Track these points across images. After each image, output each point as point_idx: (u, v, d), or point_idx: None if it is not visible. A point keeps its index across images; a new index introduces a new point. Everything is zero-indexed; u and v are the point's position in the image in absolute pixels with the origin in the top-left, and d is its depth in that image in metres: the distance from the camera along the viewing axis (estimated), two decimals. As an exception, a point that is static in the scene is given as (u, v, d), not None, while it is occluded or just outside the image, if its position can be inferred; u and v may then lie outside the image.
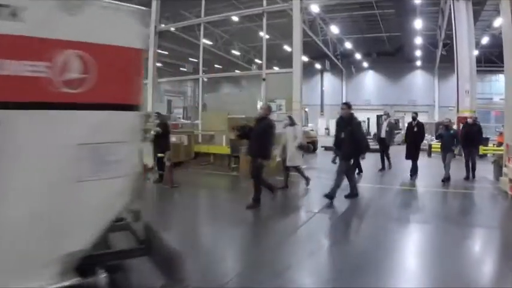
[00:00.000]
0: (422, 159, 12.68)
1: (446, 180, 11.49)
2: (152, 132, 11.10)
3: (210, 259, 5.35)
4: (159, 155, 10.76)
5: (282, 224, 7.40)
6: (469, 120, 13.23)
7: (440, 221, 7.71)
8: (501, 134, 22.34)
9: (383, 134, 14.60)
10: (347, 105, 9.10)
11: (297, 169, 10.78)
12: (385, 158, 14.45)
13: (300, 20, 14.08)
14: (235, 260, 5.72)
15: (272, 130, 8.25)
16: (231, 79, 44.65)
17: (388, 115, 15.66)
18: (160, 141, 10.65)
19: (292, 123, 10.53)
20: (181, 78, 33.39)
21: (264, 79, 14.51)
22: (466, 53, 18.66)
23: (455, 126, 19.50)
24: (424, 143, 16.48)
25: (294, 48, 13.96)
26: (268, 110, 8.55)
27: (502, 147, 20.32)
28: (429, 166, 15.10)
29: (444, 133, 11.94)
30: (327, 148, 20.62)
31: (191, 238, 6.45)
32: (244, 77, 39.35)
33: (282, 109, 14.03)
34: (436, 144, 21.10)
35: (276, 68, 24.58)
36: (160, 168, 10.92)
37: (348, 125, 8.84)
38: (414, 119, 13.19)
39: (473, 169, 12.35)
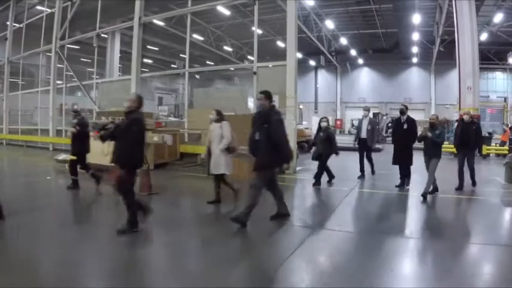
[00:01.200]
0: (420, 159, 10.68)
1: (425, 196, 8.90)
2: (68, 133, 10.05)
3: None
4: (71, 157, 9.73)
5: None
6: (465, 118, 10.42)
7: (457, 238, 6.37)
8: (505, 132, 21.55)
9: (364, 134, 12.22)
10: (265, 95, 6.66)
11: (222, 179, 8.39)
12: (369, 161, 12.31)
13: (295, 5, 12.93)
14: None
15: (139, 127, 6.20)
16: (223, 76, 43.78)
17: (369, 110, 12.97)
18: (76, 143, 9.62)
19: (219, 118, 8.37)
20: (166, 72, 32.20)
21: (255, 72, 13.29)
22: (469, 48, 17.76)
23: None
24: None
25: (288, 37, 12.64)
26: (137, 101, 6.33)
27: (505, 147, 19.65)
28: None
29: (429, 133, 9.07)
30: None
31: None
32: (237, 74, 38.30)
33: (275, 105, 12.78)
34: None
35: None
36: (73, 173, 9.68)
37: (264, 122, 6.44)
38: (403, 112, 10.48)
39: (472, 176, 10.34)
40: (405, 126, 10.27)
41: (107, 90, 19.20)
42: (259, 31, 29.79)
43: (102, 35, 20.68)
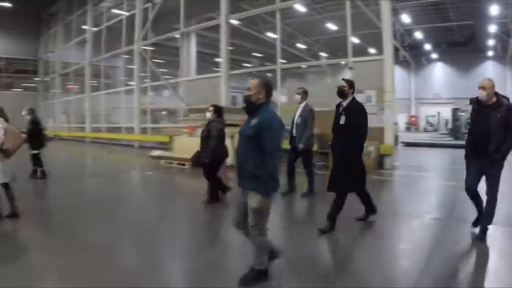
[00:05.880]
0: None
1: None
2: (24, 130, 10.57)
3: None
4: (33, 152, 10.61)
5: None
6: (482, 95, 5.18)
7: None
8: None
9: (295, 131, 8.07)
10: None
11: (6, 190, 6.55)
12: (307, 175, 8.32)
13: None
14: None
15: None
16: (294, 74, 43.55)
17: (305, 94, 8.24)
18: (34, 139, 10.49)
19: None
20: (259, 69, 32.00)
21: (350, 68, 13.32)
22: None
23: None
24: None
25: (384, 30, 12.86)
26: None
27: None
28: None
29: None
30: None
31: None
32: (310, 71, 37.97)
33: (372, 101, 12.43)
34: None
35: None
36: (39, 165, 10.73)
37: None
38: (342, 93, 5.67)
39: (487, 219, 5.16)
40: (342, 120, 5.62)
41: (192, 89, 19.95)
42: (335, 27, 29.71)
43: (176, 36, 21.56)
